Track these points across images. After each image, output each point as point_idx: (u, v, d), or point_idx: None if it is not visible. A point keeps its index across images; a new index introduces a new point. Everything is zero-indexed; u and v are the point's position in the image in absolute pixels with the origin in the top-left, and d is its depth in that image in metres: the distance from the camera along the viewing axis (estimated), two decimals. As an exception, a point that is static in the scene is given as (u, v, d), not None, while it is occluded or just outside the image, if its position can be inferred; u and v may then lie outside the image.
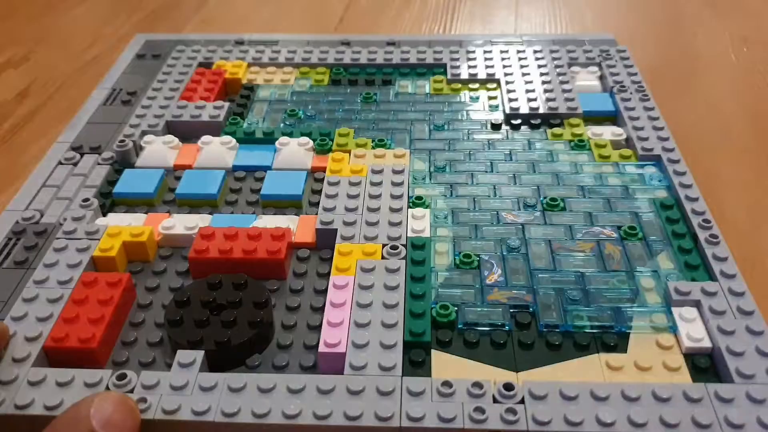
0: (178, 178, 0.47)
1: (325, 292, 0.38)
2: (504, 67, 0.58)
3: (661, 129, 0.50)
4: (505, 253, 0.41)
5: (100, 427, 0.28)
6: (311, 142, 0.49)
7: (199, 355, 0.34)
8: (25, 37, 0.74)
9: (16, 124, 0.60)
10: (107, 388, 0.32)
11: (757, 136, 0.56)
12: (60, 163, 0.48)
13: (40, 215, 0.44)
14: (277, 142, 0.49)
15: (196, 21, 0.77)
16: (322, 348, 0.34)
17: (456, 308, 0.37)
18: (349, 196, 0.44)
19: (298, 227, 0.43)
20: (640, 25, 0.74)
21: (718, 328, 0.35)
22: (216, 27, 0.76)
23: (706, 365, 0.34)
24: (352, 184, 0.45)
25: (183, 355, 0.34)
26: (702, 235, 0.40)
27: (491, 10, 0.78)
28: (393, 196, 0.44)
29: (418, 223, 0.42)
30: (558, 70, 0.57)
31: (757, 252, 0.45)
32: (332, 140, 0.50)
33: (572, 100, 0.54)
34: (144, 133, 0.51)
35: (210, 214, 0.44)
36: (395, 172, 0.46)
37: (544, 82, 0.56)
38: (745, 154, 0.54)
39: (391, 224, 0.42)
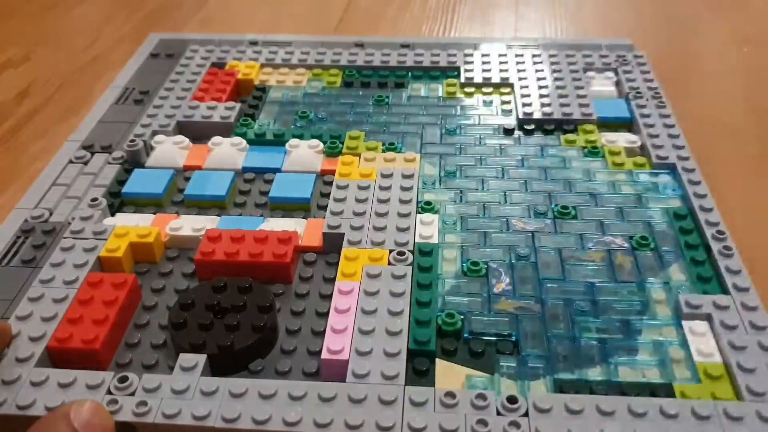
0: (187, 179, 0.47)
1: (330, 296, 0.38)
2: (518, 71, 0.57)
3: (677, 137, 0.49)
4: (513, 262, 0.40)
5: (81, 428, 0.28)
6: (321, 145, 0.49)
7: (201, 358, 0.33)
8: (25, 37, 0.74)
9: (16, 124, 0.60)
10: (108, 390, 0.32)
11: (760, 135, 0.55)
12: (70, 161, 0.48)
13: (49, 214, 0.44)
14: (287, 144, 0.49)
15: (197, 21, 0.77)
16: (324, 354, 0.34)
17: (462, 317, 0.36)
18: (358, 200, 0.43)
19: (306, 230, 0.42)
20: (640, 25, 0.73)
21: (729, 344, 0.34)
22: (216, 27, 0.75)
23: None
24: (361, 187, 0.44)
25: (185, 359, 0.33)
26: (715, 247, 0.40)
27: (491, 10, 0.77)
28: (402, 201, 0.43)
29: (427, 228, 0.42)
30: (573, 75, 0.57)
31: (763, 258, 0.43)
32: (342, 143, 0.49)
33: (587, 105, 0.53)
34: (155, 133, 0.51)
35: (218, 215, 0.44)
36: (405, 176, 0.45)
37: (558, 87, 0.55)
38: (746, 153, 0.53)
39: (399, 229, 0.41)
